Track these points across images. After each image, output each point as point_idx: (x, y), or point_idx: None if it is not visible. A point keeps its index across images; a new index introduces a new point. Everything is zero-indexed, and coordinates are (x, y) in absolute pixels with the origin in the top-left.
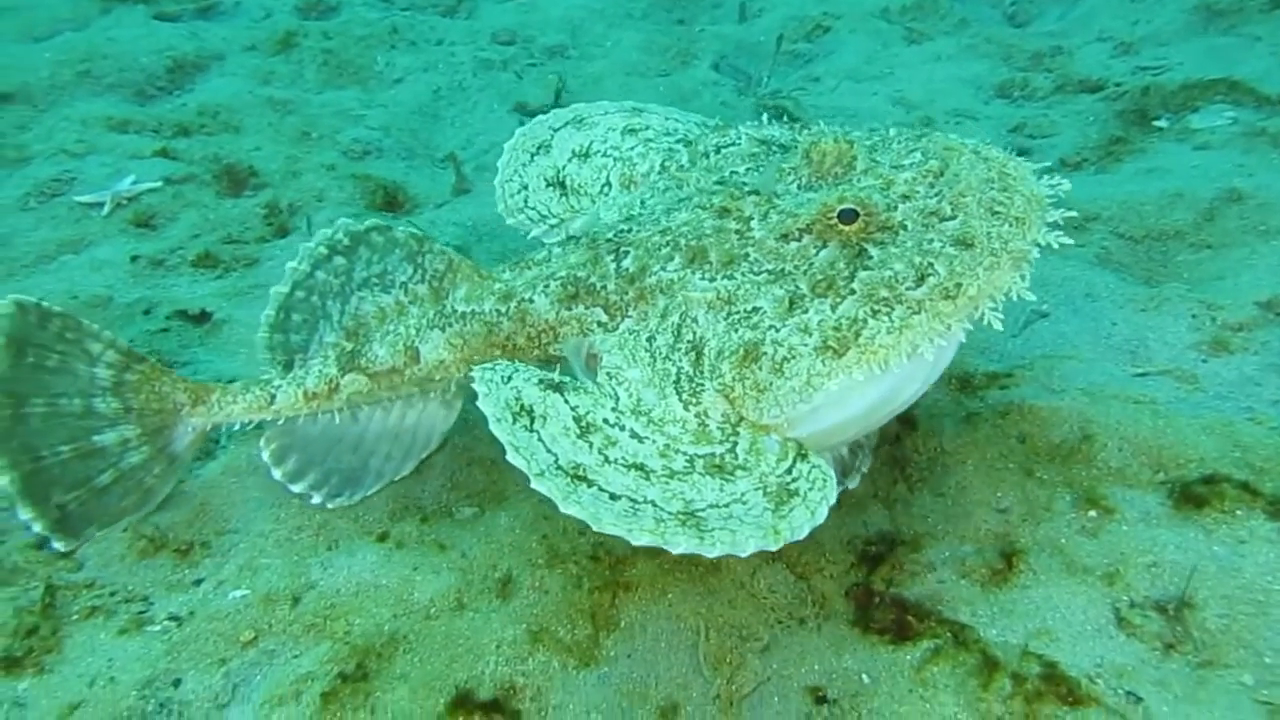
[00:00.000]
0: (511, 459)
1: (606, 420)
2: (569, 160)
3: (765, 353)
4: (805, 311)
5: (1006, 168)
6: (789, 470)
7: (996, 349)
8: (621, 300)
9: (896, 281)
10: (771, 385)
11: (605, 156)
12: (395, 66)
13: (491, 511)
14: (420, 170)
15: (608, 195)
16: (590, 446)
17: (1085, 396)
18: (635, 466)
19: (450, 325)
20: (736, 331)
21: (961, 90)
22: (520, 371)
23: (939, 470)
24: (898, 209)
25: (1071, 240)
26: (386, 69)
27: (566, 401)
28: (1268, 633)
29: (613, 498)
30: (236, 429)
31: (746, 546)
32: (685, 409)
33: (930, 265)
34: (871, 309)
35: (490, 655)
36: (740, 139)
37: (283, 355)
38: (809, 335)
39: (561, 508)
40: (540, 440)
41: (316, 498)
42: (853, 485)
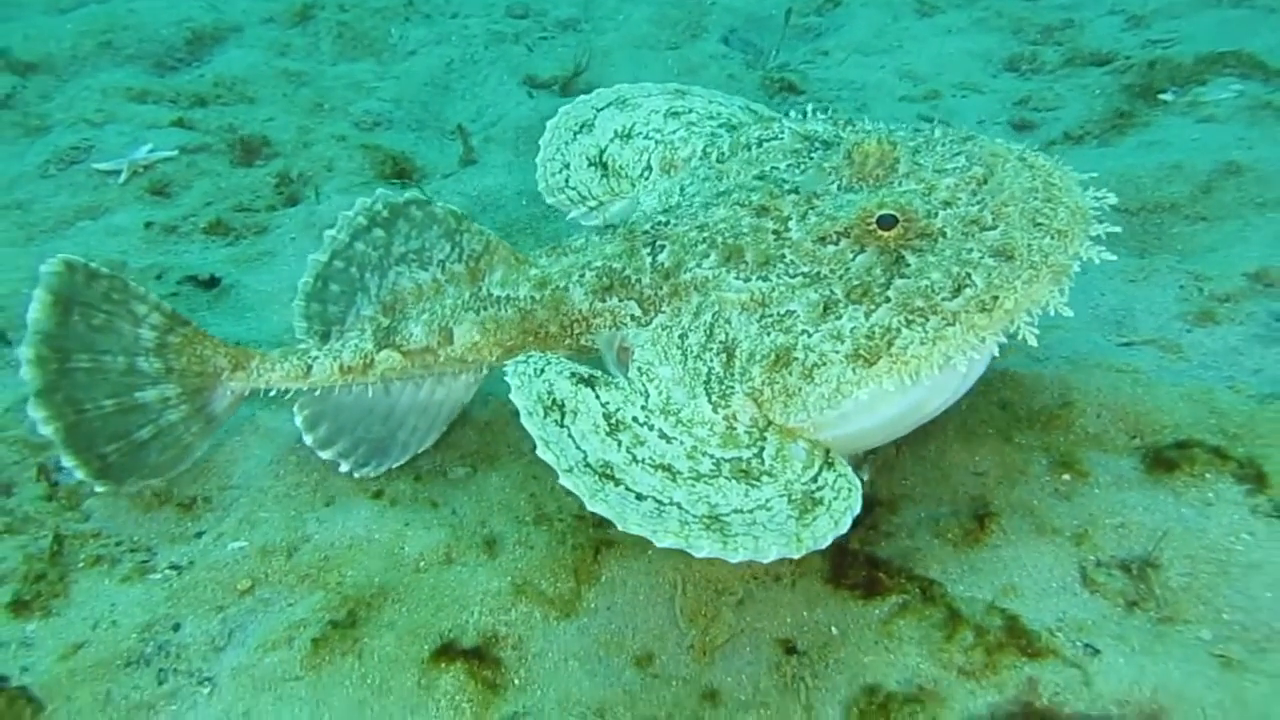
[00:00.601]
0: (541, 454)
1: (635, 419)
2: (611, 140)
3: (796, 358)
4: (839, 318)
5: (1052, 177)
6: (815, 479)
7: None
8: (656, 295)
9: (932, 291)
10: (800, 391)
11: (647, 139)
12: (409, 39)
13: (484, 472)
14: (429, 141)
15: (648, 179)
16: (619, 445)
17: (1068, 364)
18: (662, 467)
19: (485, 309)
20: (769, 335)
21: (970, 64)
22: (553, 364)
23: (921, 434)
24: (938, 215)
25: (1116, 258)
26: (400, 41)
27: (598, 397)
28: (1227, 590)
29: (639, 498)
30: (272, 394)
31: (769, 553)
32: (714, 411)
33: (968, 276)
34: (905, 318)
35: (475, 606)
36: (784, 133)
37: (319, 325)
38: (841, 342)
39: (588, 505)
40: (570, 436)
41: (345, 465)
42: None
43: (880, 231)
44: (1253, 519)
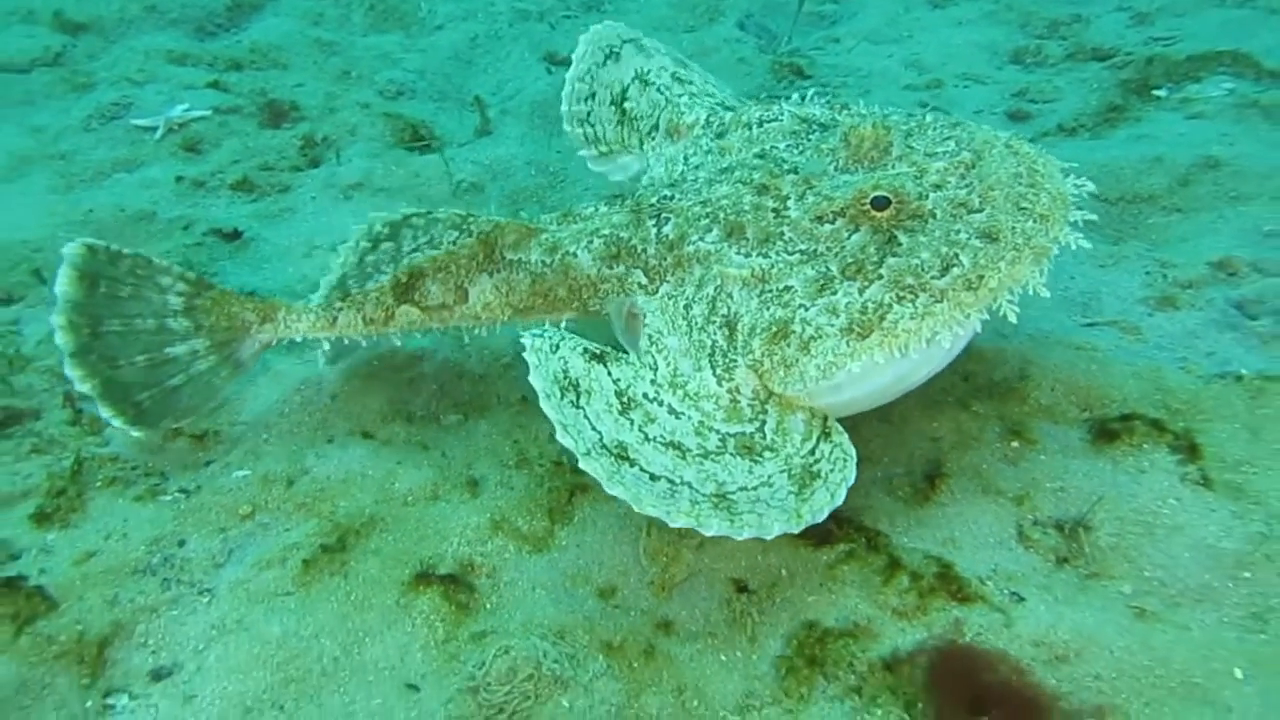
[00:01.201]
0: (560, 439)
1: (646, 395)
2: (633, 80)
3: (794, 331)
4: (834, 293)
5: (1036, 164)
6: (813, 451)
7: None
8: (660, 265)
9: (922, 270)
10: (798, 362)
11: (659, 93)
12: (437, 13)
13: (474, 419)
14: (449, 112)
15: (654, 139)
16: (631, 424)
17: (1030, 341)
18: (673, 445)
19: (498, 272)
20: (768, 309)
21: (976, 55)
22: (566, 340)
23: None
24: (929, 198)
25: (1090, 245)
26: (429, 15)
27: (609, 374)
28: (1151, 550)
29: (653, 478)
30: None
31: (772, 530)
32: (719, 384)
33: (956, 256)
34: (897, 295)
35: (455, 538)
36: (783, 115)
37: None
38: (836, 316)
39: (606, 488)
40: (586, 418)
41: None
42: None
43: (874, 212)
44: (1181, 486)
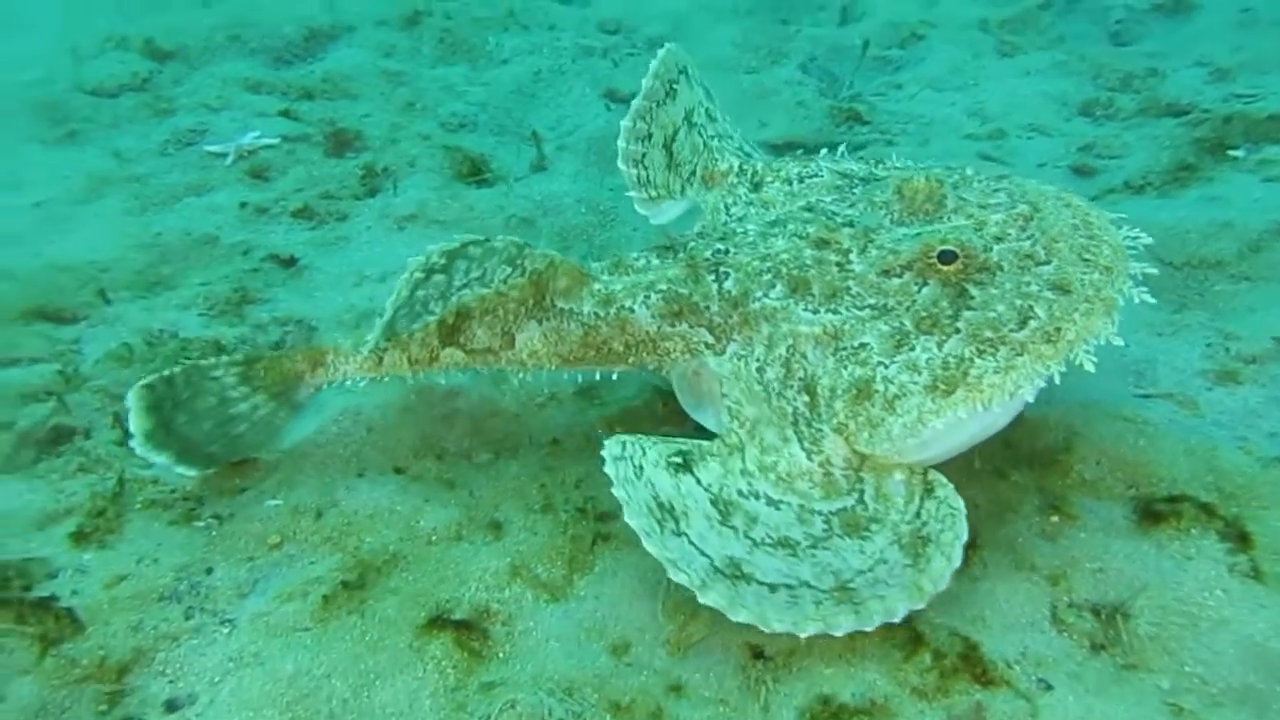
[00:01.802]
0: (673, 577)
1: (741, 492)
2: (682, 122)
3: (877, 390)
4: (912, 349)
5: (1090, 216)
6: (918, 513)
7: None
8: (726, 323)
9: (1000, 323)
10: (884, 421)
11: (698, 136)
12: (504, 47)
13: (505, 459)
14: (508, 146)
15: (693, 186)
16: (736, 532)
17: (1077, 409)
18: (781, 543)
19: (548, 320)
20: (847, 368)
21: (1043, 105)
22: (646, 454)
23: None
24: (993, 250)
25: (1154, 300)
26: (495, 49)
27: (699, 482)
28: (1193, 644)
29: (772, 590)
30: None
31: (898, 612)
32: (809, 459)
33: (1031, 308)
34: (977, 349)
35: (473, 581)
36: (822, 170)
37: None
38: (918, 373)
39: (731, 617)
40: (691, 544)
41: None
42: None
43: (941, 266)
44: (1229, 577)
